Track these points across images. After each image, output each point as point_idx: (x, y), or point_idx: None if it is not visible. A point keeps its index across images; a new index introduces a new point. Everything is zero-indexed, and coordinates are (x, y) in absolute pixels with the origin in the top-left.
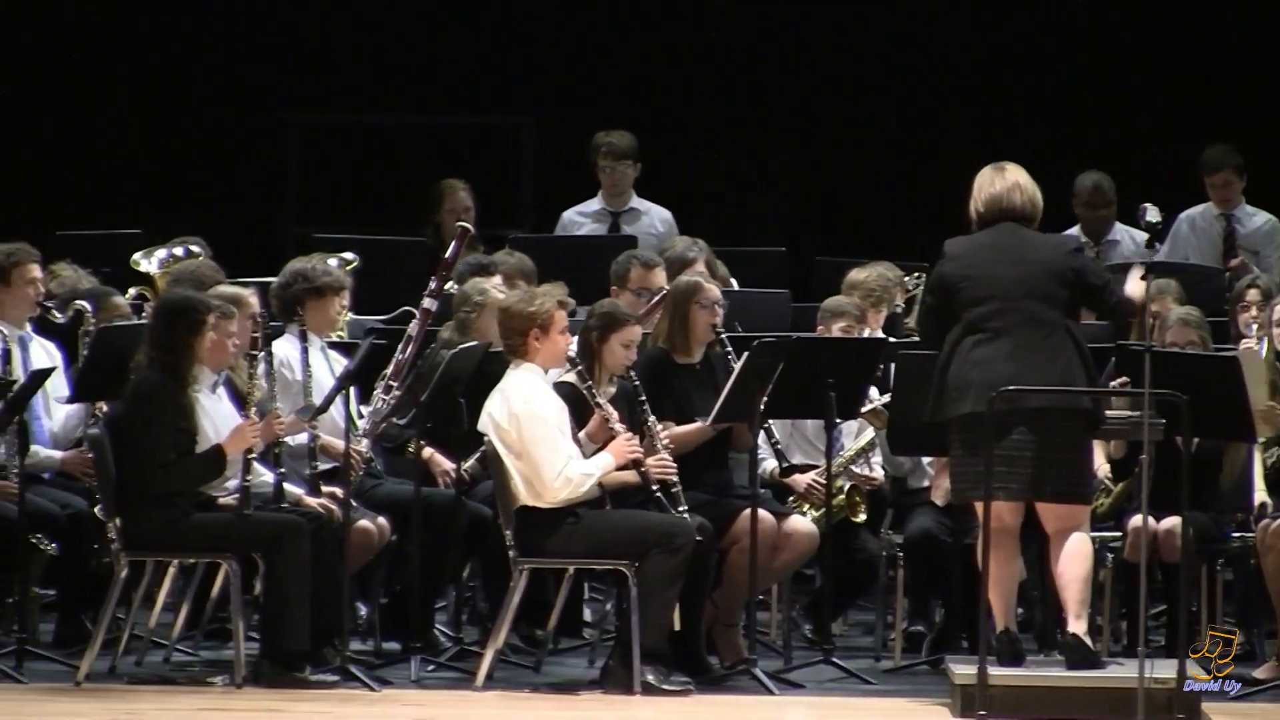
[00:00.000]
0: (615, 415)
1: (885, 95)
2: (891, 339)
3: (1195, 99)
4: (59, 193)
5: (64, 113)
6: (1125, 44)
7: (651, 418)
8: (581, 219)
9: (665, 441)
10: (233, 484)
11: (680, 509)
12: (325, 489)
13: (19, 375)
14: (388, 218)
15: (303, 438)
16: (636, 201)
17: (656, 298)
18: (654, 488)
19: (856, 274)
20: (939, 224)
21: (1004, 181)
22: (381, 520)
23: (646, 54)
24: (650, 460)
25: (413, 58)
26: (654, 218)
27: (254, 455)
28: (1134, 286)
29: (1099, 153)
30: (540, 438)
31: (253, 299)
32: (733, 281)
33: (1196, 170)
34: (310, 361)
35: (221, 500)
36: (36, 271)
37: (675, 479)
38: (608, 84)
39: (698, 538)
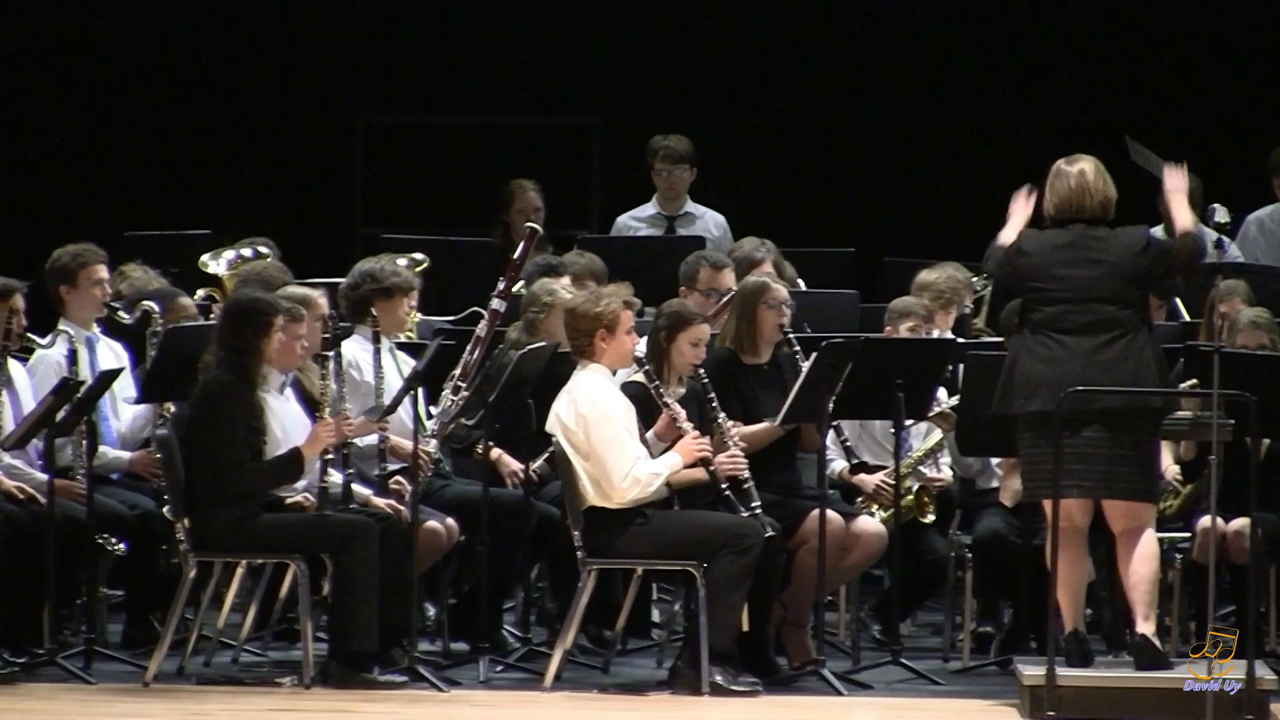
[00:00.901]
0: (683, 414)
1: (954, 94)
2: (960, 340)
3: (1265, 99)
4: (128, 194)
5: (133, 114)
6: (1197, 44)
7: (721, 415)
8: (636, 223)
9: (735, 438)
10: (300, 484)
11: (753, 504)
12: (393, 488)
13: (85, 376)
14: (456, 218)
15: (371, 438)
16: (691, 206)
17: (724, 298)
18: (723, 485)
19: (926, 275)
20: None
21: (1075, 180)
22: (450, 521)
23: (714, 55)
24: (721, 456)
25: (482, 58)
26: (709, 222)
27: (328, 456)
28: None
29: (1169, 153)
30: (607, 438)
31: (322, 300)
32: (800, 282)
33: (1265, 171)
34: (379, 362)
35: (289, 500)
36: (103, 272)
37: (747, 474)
38: (676, 85)
39: (769, 533)
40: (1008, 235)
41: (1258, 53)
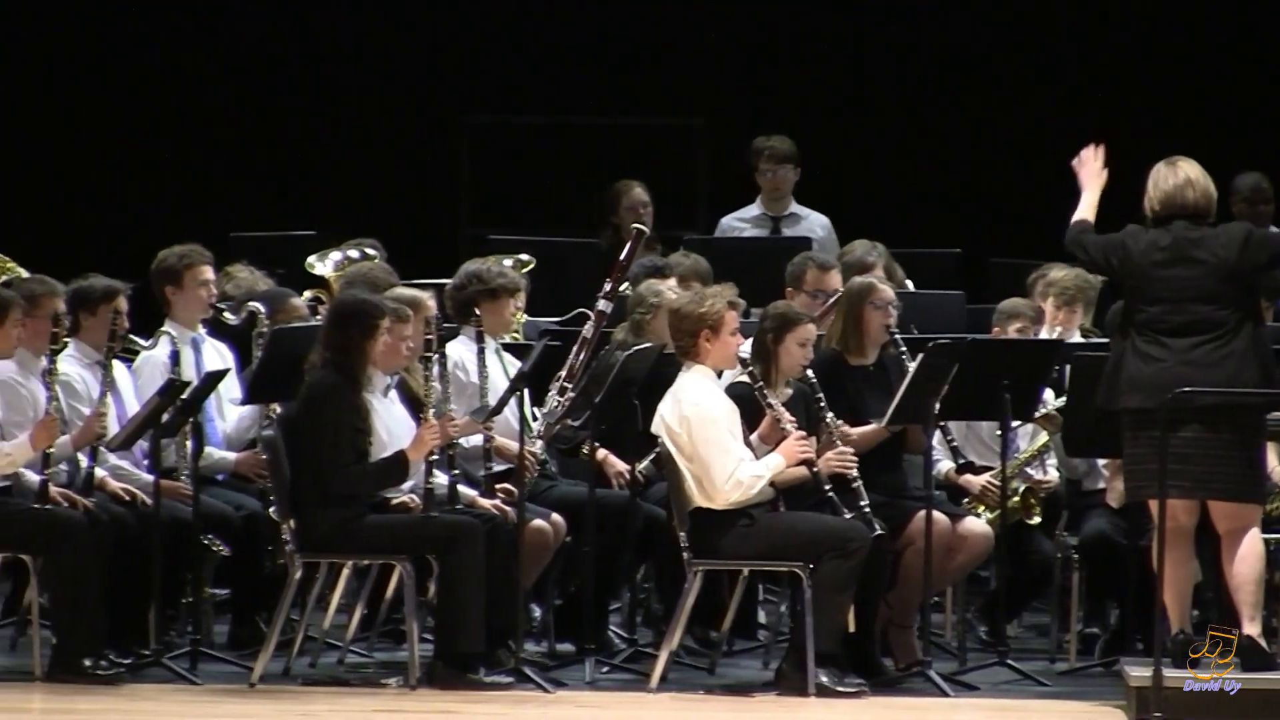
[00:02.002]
0: (787, 415)
1: (1058, 94)
2: (1066, 341)
3: None
4: (235, 195)
5: (240, 115)
6: None
7: (829, 414)
8: (741, 224)
9: (843, 437)
10: (406, 485)
11: (861, 504)
12: (499, 489)
13: (189, 377)
14: (562, 219)
15: (477, 439)
16: (796, 206)
17: (831, 299)
18: (826, 487)
19: (1054, 273)
20: (1114, 226)
21: (1176, 178)
22: (556, 518)
23: (819, 55)
24: (830, 454)
25: (589, 58)
26: (813, 222)
27: (433, 458)
28: None
29: (1258, 152)
30: (710, 440)
31: (430, 301)
32: (908, 284)
33: None
34: (485, 363)
35: (394, 502)
36: (209, 273)
37: (855, 473)
38: (782, 85)
39: (878, 532)
40: (1084, 210)
41: None
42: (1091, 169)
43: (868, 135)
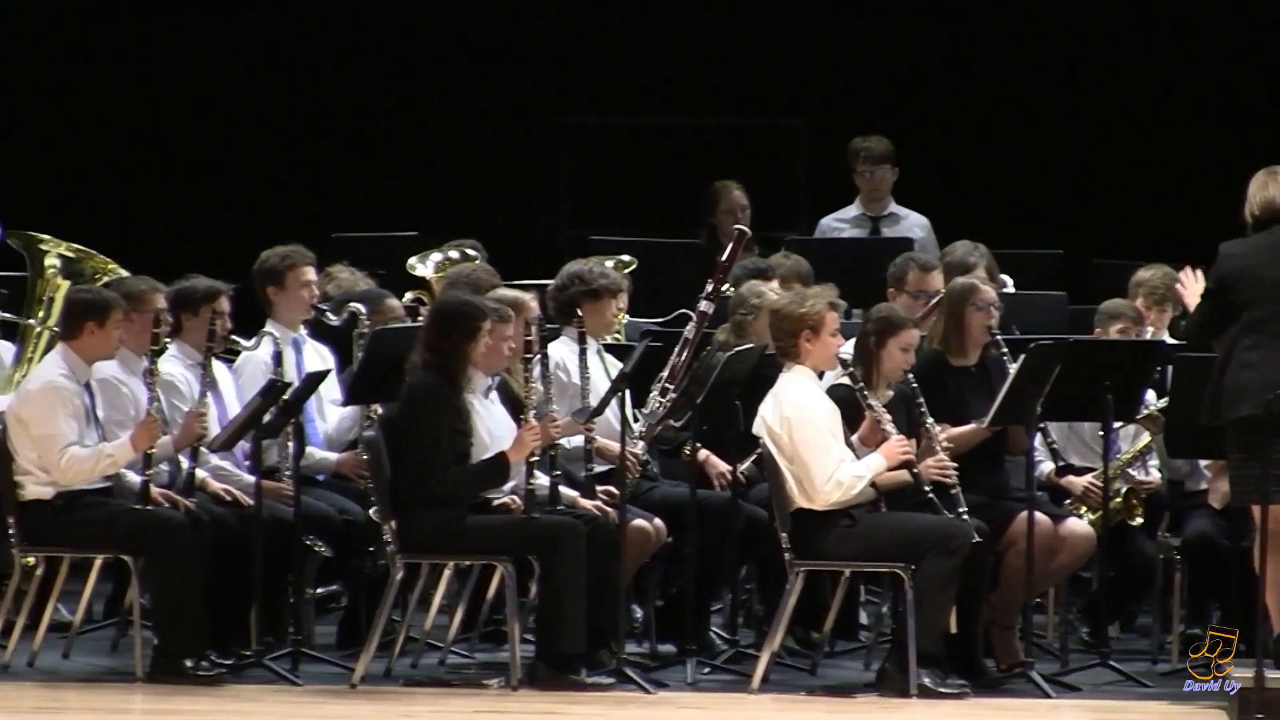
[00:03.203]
0: (887, 417)
1: (1162, 96)
2: (1170, 342)
3: None
4: (338, 196)
5: (342, 116)
6: None
7: (929, 420)
8: (840, 225)
9: (944, 442)
10: (507, 486)
11: (960, 510)
12: (600, 490)
13: (291, 378)
14: (663, 220)
15: (578, 440)
16: (895, 207)
17: (933, 300)
18: (926, 489)
19: (1141, 274)
20: (1216, 227)
21: (1277, 185)
22: (657, 522)
23: (919, 55)
24: (929, 460)
25: (689, 60)
26: (913, 223)
27: (534, 459)
28: None
29: None
30: (811, 441)
31: (532, 302)
32: (1008, 283)
33: None
34: (586, 364)
35: (496, 502)
36: (311, 274)
37: (954, 480)
38: (882, 86)
39: (975, 538)
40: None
41: None
42: (1193, 290)
43: (968, 135)
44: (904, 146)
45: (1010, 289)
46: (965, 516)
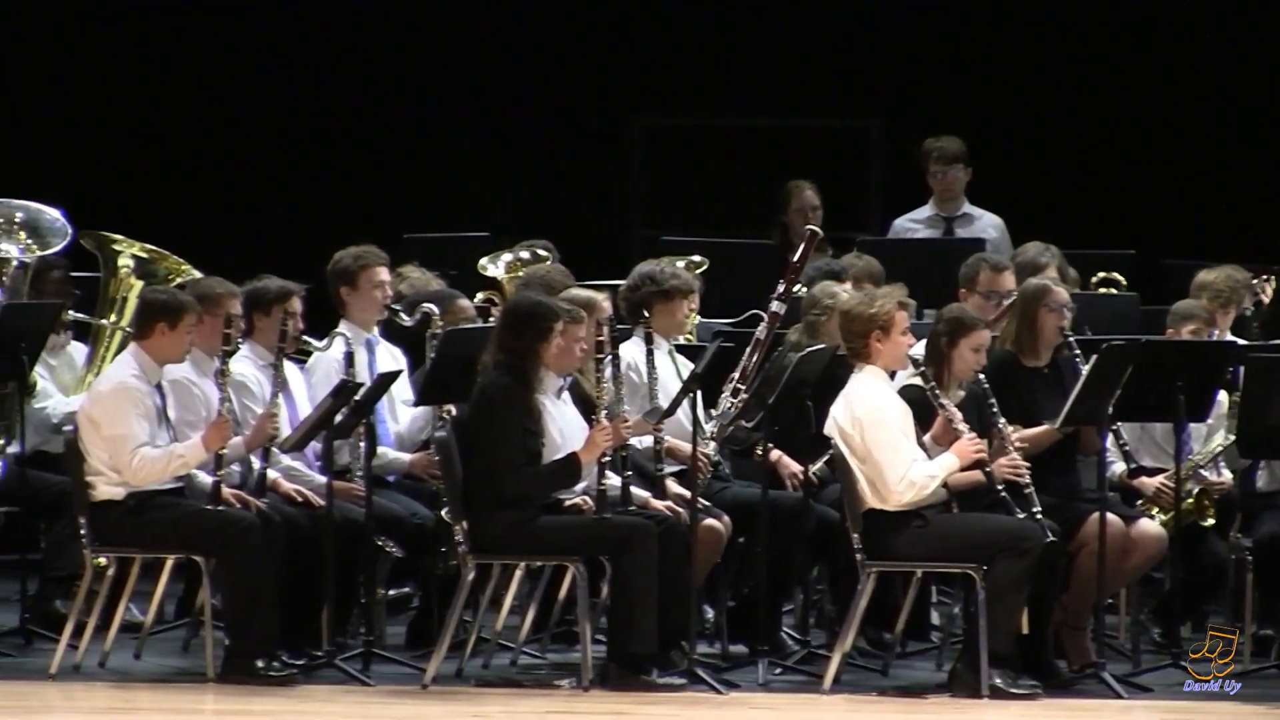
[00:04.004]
0: (959, 416)
1: (1235, 94)
2: (1240, 341)
3: None
4: (409, 196)
5: (415, 117)
6: None
7: (1002, 420)
8: (913, 225)
9: (1016, 443)
10: (579, 486)
11: (1034, 510)
12: (672, 491)
13: (363, 378)
14: (734, 220)
15: (649, 440)
16: (968, 207)
17: (1005, 301)
18: (999, 488)
19: (1205, 275)
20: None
21: None
22: (728, 522)
23: (992, 55)
24: (1001, 460)
25: (761, 60)
26: (986, 223)
27: (605, 459)
28: None
29: None
30: (883, 441)
31: (605, 303)
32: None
33: None
34: (657, 364)
35: (567, 503)
36: (384, 274)
37: (1027, 480)
38: (955, 86)
39: (1050, 538)
40: None
41: None
42: None
43: (1041, 135)
44: (977, 147)
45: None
46: (1039, 516)
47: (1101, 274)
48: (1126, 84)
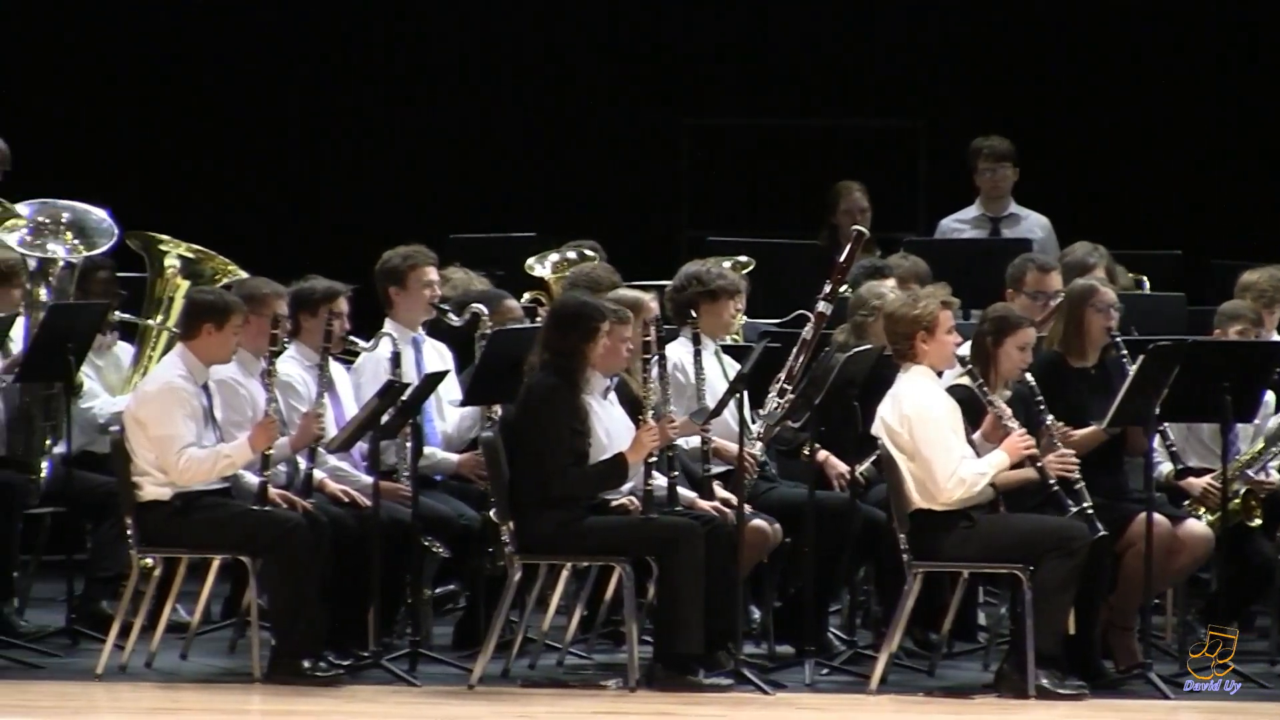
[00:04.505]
0: (1008, 412)
1: None
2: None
3: None
4: (455, 196)
5: (460, 117)
6: None
7: (1049, 417)
8: (960, 225)
9: (1063, 438)
10: (625, 486)
11: (1085, 505)
12: (719, 493)
13: (410, 378)
14: (781, 221)
15: (696, 441)
16: (1015, 207)
17: (1051, 301)
18: (1051, 482)
19: (1248, 276)
20: None
21: None
22: (777, 526)
23: (1038, 56)
24: (1051, 457)
25: (806, 60)
26: (1033, 223)
27: (651, 459)
28: None
29: None
30: (932, 439)
31: (652, 303)
32: (1145, 282)
33: None
34: (703, 365)
35: (614, 503)
36: (433, 274)
37: (1077, 475)
38: (1000, 87)
39: (1100, 532)
40: None
41: None
42: None
43: (1087, 135)
44: (1023, 147)
45: (1146, 289)
46: (1090, 511)
47: (1131, 275)
48: (1173, 84)
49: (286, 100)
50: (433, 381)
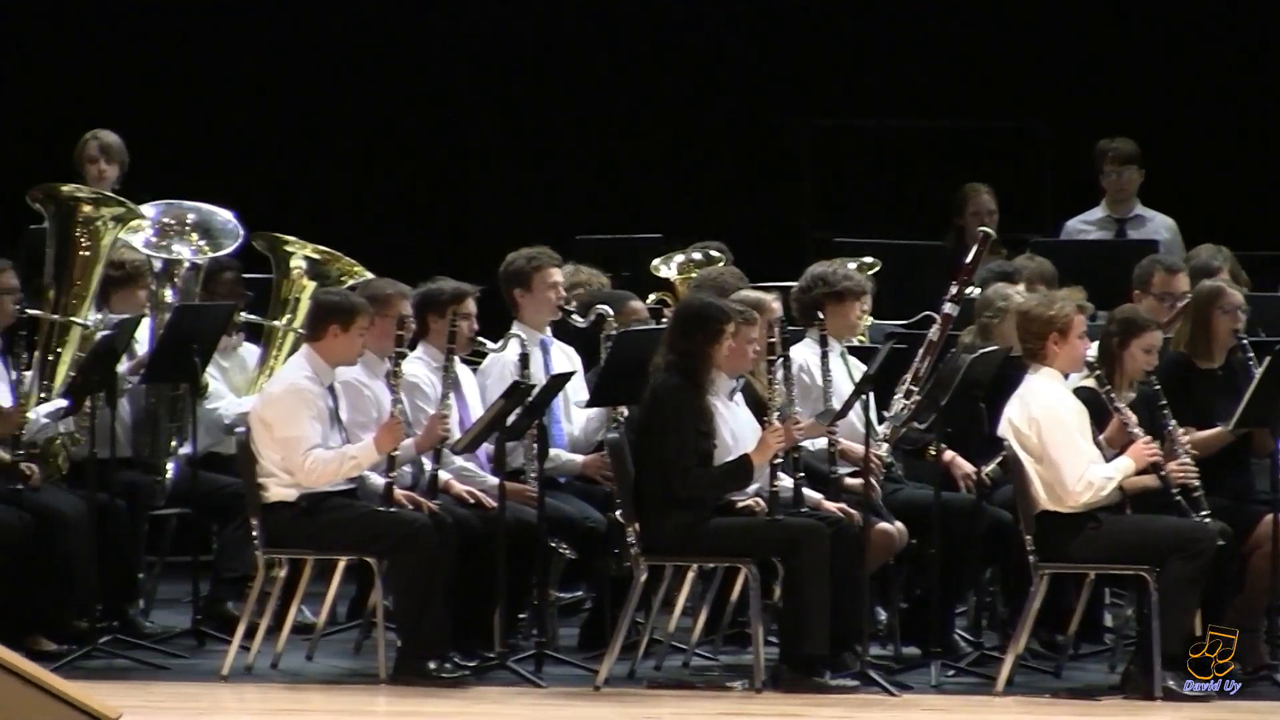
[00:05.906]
0: (1134, 419)
1: None
2: None
3: None
4: (580, 198)
5: (588, 119)
6: None
7: (1172, 422)
8: (1085, 226)
9: (1186, 445)
10: (751, 488)
11: (1202, 513)
12: (845, 494)
13: (537, 379)
14: (906, 222)
15: (822, 442)
16: (1141, 209)
17: (1178, 302)
18: (1174, 491)
19: None
20: None
21: None
22: (900, 524)
23: (1164, 56)
24: (1171, 464)
25: (931, 61)
26: (1158, 224)
27: (777, 460)
28: None
29: None
30: (1060, 441)
31: (775, 304)
32: None
33: None
34: (829, 366)
35: (739, 504)
36: (558, 276)
37: (1197, 483)
38: (1127, 87)
39: (1220, 542)
40: None
41: None
42: None
43: (1214, 136)
44: (1149, 148)
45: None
46: (1208, 520)
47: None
48: None
49: (413, 103)
50: (559, 382)
